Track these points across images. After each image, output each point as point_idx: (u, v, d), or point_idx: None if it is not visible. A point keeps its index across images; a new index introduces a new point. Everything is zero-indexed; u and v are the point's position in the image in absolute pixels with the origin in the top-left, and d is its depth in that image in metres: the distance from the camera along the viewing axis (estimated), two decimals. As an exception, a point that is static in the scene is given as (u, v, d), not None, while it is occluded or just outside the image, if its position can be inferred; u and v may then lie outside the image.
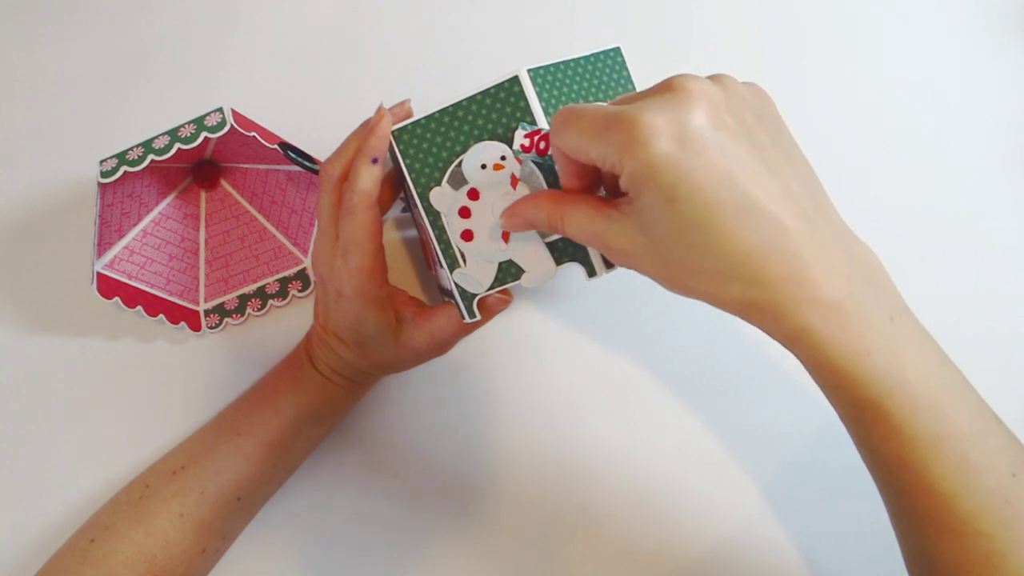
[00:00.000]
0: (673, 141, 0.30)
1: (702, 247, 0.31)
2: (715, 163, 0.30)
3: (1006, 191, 0.58)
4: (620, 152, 0.31)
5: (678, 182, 0.30)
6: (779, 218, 0.31)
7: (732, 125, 0.31)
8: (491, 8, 0.58)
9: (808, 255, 0.31)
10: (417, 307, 0.49)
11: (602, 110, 0.32)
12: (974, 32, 0.58)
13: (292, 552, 0.56)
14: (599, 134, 0.32)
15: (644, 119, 0.30)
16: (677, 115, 0.30)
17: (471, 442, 0.57)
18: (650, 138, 0.30)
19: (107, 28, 0.58)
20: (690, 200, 0.30)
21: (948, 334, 0.57)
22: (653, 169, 0.30)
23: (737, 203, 0.30)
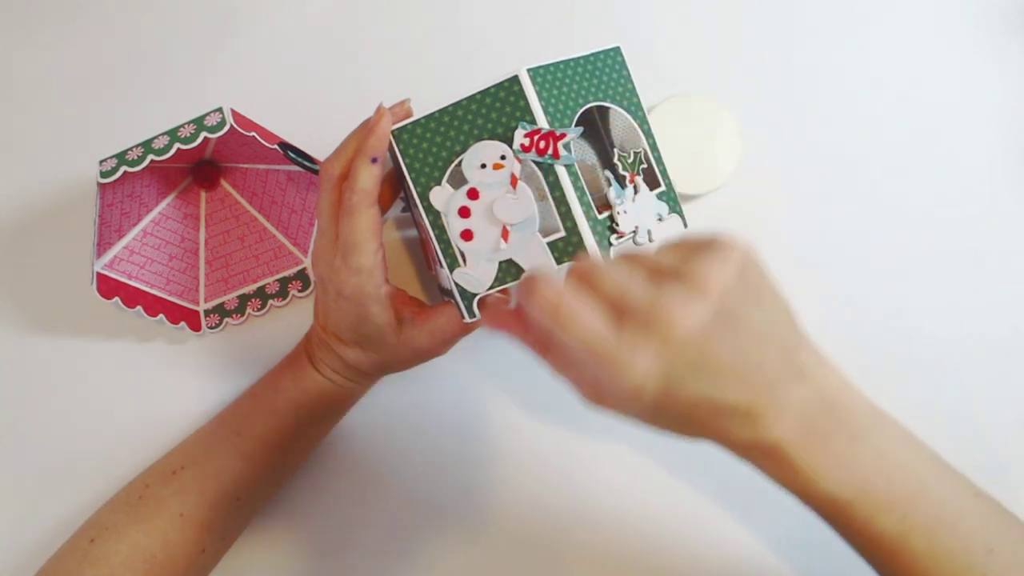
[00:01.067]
0: (656, 380, 0.32)
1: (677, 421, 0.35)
2: (689, 383, 0.32)
3: (1006, 191, 0.58)
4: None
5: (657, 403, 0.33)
6: (740, 407, 0.33)
7: (709, 339, 0.32)
8: (491, 8, 0.58)
9: (758, 414, 0.34)
10: (417, 307, 0.49)
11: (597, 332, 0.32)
12: (974, 32, 0.58)
13: (292, 552, 0.56)
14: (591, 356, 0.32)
15: (627, 372, 0.31)
16: (660, 353, 0.31)
17: (471, 442, 0.57)
18: (641, 385, 0.32)
19: (107, 28, 0.58)
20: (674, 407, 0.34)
21: (949, 335, 0.57)
22: (646, 403, 0.33)
23: (707, 410, 0.33)
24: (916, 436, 0.38)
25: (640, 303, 0.32)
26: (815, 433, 0.34)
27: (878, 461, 0.35)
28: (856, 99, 0.58)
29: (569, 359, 0.34)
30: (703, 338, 0.31)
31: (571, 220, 0.40)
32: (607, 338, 0.31)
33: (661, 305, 0.31)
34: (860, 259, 0.58)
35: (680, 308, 0.31)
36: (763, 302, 0.34)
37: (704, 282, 0.31)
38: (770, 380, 0.33)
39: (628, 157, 0.45)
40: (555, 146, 0.40)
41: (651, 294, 0.32)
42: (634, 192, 0.44)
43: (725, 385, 0.32)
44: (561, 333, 0.32)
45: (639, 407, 0.33)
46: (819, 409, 0.34)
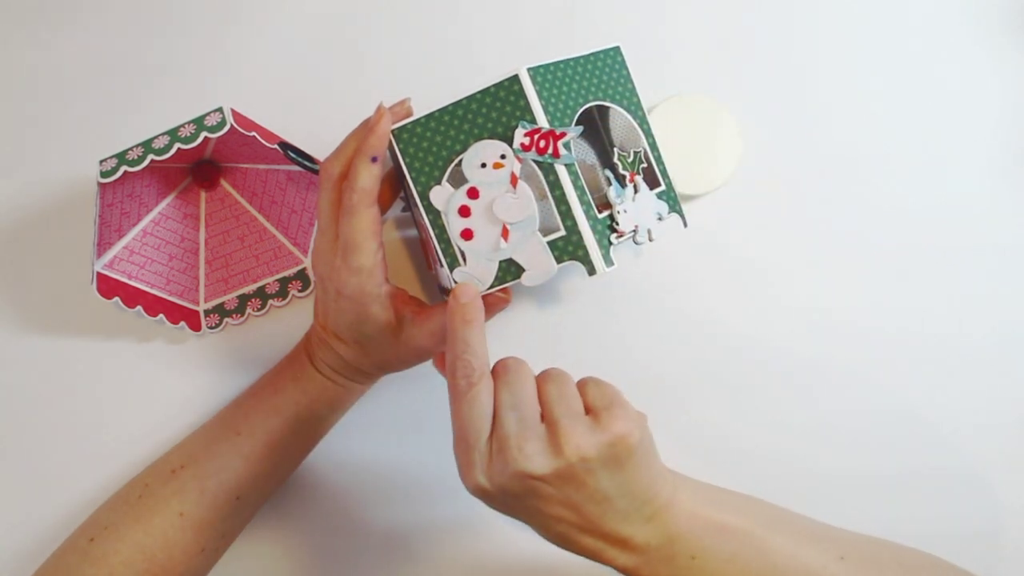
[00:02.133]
0: (487, 493, 0.40)
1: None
2: (517, 508, 0.40)
3: (1006, 191, 0.58)
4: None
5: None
6: (577, 539, 0.41)
7: (544, 486, 0.38)
8: (491, 8, 0.58)
9: (607, 543, 0.40)
10: (417, 306, 0.48)
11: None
12: (974, 32, 0.58)
13: (291, 552, 0.56)
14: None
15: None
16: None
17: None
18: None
19: (107, 28, 0.58)
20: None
21: (949, 335, 0.57)
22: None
23: (545, 526, 0.41)
24: (778, 519, 0.43)
25: (507, 432, 0.38)
26: (658, 558, 0.40)
27: (721, 567, 0.40)
28: (856, 99, 0.58)
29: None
30: (538, 480, 0.38)
31: (571, 219, 0.40)
32: (475, 437, 0.39)
33: (518, 445, 0.38)
34: (860, 259, 0.58)
35: (528, 455, 0.38)
36: (623, 471, 0.39)
37: (565, 446, 0.38)
38: (615, 526, 0.39)
39: (628, 156, 0.45)
40: (555, 145, 0.40)
41: (521, 429, 0.38)
42: (634, 191, 0.44)
43: (557, 520, 0.39)
44: (455, 404, 0.40)
45: (475, 495, 0.40)
46: (661, 541, 0.40)
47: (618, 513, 0.39)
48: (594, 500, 0.39)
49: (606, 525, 0.39)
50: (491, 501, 0.40)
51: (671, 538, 0.40)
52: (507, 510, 0.41)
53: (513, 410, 0.39)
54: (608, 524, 0.39)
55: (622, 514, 0.39)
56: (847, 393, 0.58)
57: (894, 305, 0.58)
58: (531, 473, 0.37)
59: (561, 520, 0.39)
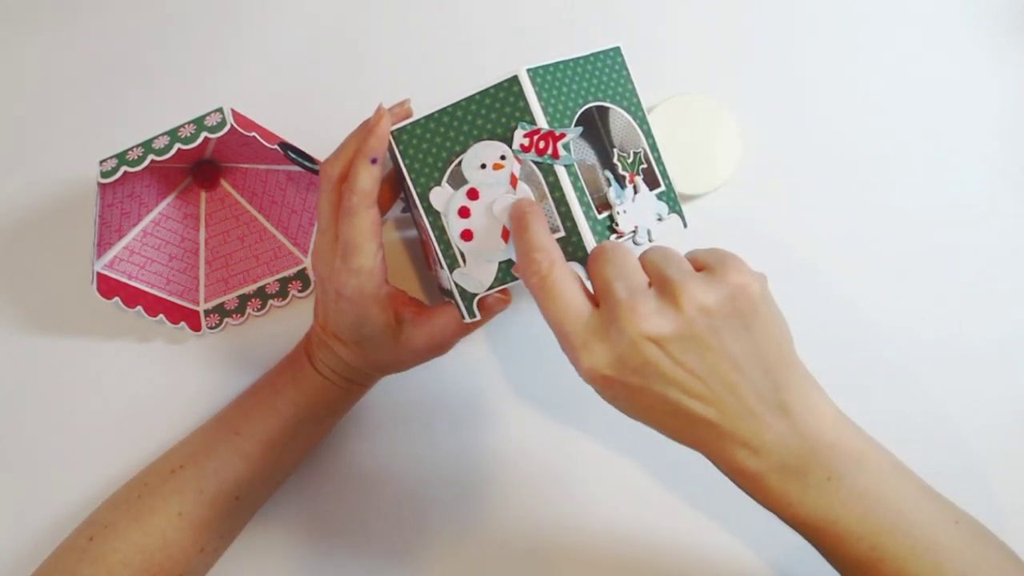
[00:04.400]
0: (605, 370, 0.35)
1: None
2: (641, 381, 0.36)
3: (1006, 191, 0.58)
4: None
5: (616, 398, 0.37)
6: (705, 418, 0.36)
7: (668, 349, 0.35)
8: (491, 8, 0.58)
9: (735, 439, 0.36)
10: (417, 307, 0.49)
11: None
12: (974, 32, 0.58)
13: (291, 552, 0.56)
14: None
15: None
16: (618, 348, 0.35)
17: (470, 443, 0.57)
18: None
19: (107, 28, 0.58)
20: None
21: (950, 335, 0.57)
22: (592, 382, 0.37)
23: (669, 411, 0.36)
24: (902, 467, 0.40)
25: (617, 298, 0.35)
26: (790, 468, 0.36)
27: (853, 497, 0.37)
28: (856, 99, 0.58)
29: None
30: (659, 346, 0.34)
31: (571, 220, 0.40)
32: (573, 320, 0.36)
33: (630, 306, 0.34)
34: (859, 259, 0.58)
35: (644, 314, 0.34)
36: (752, 332, 0.36)
37: (681, 298, 0.34)
38: (747, 407, 0.36)
39: (628, 157, 0.45)
40: (555, 146, 0.40)
41: (630, 294, 0.35)
42: (634, 192, 0.44)
43: (684, 394, 0.35)
44: (539, 301, 0.37)
45: (594, 385, 0.37)
46: (797, 448, 0.36)
47: (750, 388, 0.35)
48: (722, 368, 0.35)
49: (736, 405, 0.35)
50: (608, 386, 0.36)
51: (809, 447, 0.36)
52: (627, 395, 0.36)
53: (618, 279, 0.35)
54: (739, 402, 0.35)
55: (755, 392, 0.35)
56: (846, 393, 0.57)
57: (894, 305, 0.58)
58: (649, 334, 0.34)
59: (688, 393, 0.35)
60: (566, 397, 0.57)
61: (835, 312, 0.57)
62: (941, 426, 0.57)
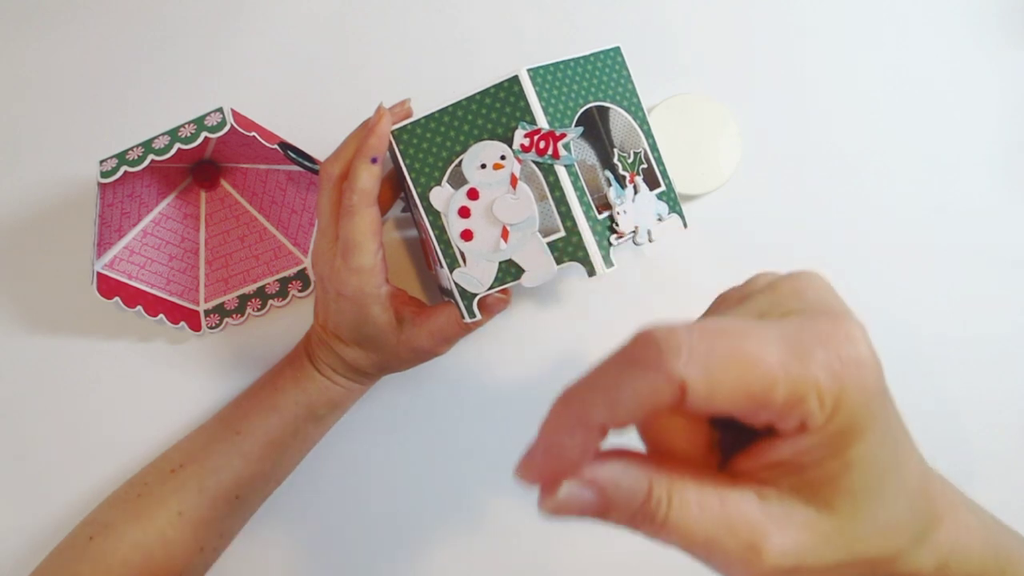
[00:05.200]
0: (877, 364, 0.23)
1: (895, 495, 0.25)
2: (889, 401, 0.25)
3: (1006, 191, 0.58)
4: (837, 380, 0.22)
5: (889, 406, 0.24)
6: (921, 466, 0.26)
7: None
8: (491, 8, 0.58)
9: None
10: (417, 307, 0.49)
11: (764, 325, 0.23)
12: (974, 32, 0.58)
13: (290, 551, 0.56)
14: (800, 355, 0.21)
15: (854, 328, 0.22)
16: (862, 330, 0.23)
17: (470, 442, 0.57)
18: (869, 351, 0.22)
19: (107, 28, 0.58)
20: (897, 434, 0.25)
21: (950, 335, 0.57)
22: (879, 400, 0.23)
23: (901, 439, 0.25)
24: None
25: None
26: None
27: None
28: (856, 99, 0.58)
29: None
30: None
31: (571, 220, 0.40)
32: (789, 323, 0.23)
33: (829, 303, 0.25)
34: (859, 259, 0.58)
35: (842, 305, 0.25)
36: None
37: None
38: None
39: (628, 157, 0.45)
40: (555, 146, 0.40)
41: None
42: (634, 192, 0.44)
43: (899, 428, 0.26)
44: (738, 353, 0.22)
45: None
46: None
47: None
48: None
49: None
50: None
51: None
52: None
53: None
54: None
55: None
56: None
57: (894, 304, 0.58)
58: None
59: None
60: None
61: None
62: (941, 426, 0.57)
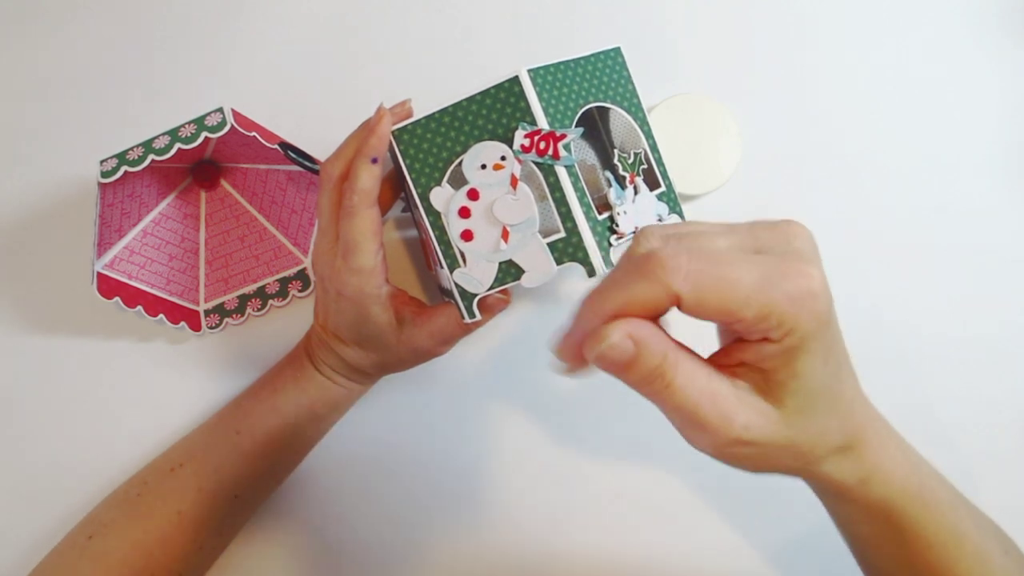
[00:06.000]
0: (828, 294, 0.29)
1: (831, 406, 0.31)
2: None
3: (1006, 191, 0.58)
4: (794, 306, 0.27)
5: (835, 334, 0.31)
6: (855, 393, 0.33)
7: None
8: (491, 9, 0.58)
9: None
10: (417, 307, 0.49)
11: (747, 259, 0.29)
12: (974, 32, 0.58)
13: (290, 550, 0.56)
14: (767, 282, 0.27)
15: (815, 270, 0.28)
16: (821, 272, 0.29)
17: (470, 442, 0.57)
18: (823, 283, 0.28)
19: (107, 28, 0.58)
20: (838, 356, 0.31)
21: (950, 335, 0.57)
22: (825, 324, 0.29)
23: (844, 361, 0.32)
24: (955, 501, 0.39)
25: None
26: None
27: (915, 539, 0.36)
28: (856, 99, 0.58)
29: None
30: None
31: (571, 221, 0.40)
32: (762, 258, 0.29)
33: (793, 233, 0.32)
34: (859, 258, 0.58)
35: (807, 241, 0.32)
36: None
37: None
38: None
39: (628, 158, 0.45)
40: (555, 147, 0.40)
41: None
42: (634, 193, 0.44)
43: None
44: (724, 277, 0.28)
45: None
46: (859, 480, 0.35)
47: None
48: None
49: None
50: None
51: (883, 496, 0.35)
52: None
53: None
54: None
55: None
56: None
57: (893, 304, 0.58)
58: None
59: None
60: (565, 397, 0.57)
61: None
62: (940, 426, 0.57)
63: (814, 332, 0.28)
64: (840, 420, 0.32)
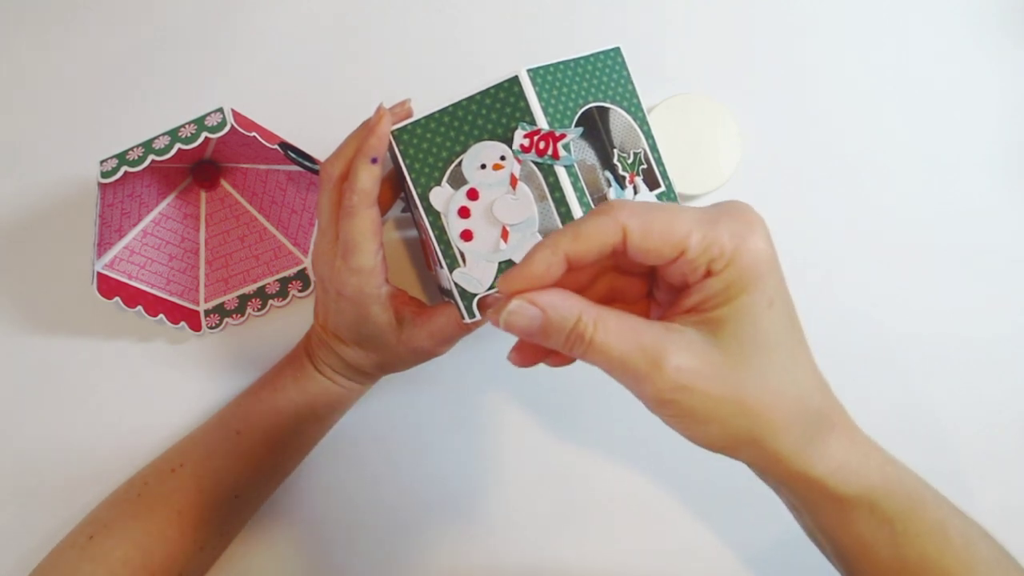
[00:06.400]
0: (771, 244, 0.30)
1: (783, 365, 0.30)
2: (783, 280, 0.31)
3: (1006, 191, 0.58)
4: (735, 239, 0.28)
5: (779, 285, 0.30)
6: (817, 378, 0.32)
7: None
8: (491, 8, 0.58)
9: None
10: (417, 307, 0.49)
11: (693, 209, 0.30)
12: (974, 32, 0.58)
13: (290, 550, 0.56)
14: (711, 219, 0.29)
15: (758, 222, 0.30)
16: (765, 229, 0.30)
17: (469, 442, 0.57)
18: (764, 232, 0.29)
19: (107, 28, 0.58)
20: (784, 309, 0.30)
21: (950, 335, 0.57)
22: (766, 264, 0.29)
23: (795, 324, 0.31)
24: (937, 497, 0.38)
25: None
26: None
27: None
28: (856, 99, 0.58)
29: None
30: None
31: (571, 220, 0.40)
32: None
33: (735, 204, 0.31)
34: (859, 259, 0.58)
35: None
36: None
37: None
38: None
39: (628, 158, 0.45)
40: (555, 147, 0.40)
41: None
42: (634, 193, 0.44)
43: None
44: (668, 208, 0.29)
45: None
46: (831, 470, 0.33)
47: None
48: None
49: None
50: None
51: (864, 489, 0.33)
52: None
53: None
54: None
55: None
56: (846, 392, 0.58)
57: (893, 304, 0.58)
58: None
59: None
60: (565, 397, 0.57)
61: (835, 311, 0.57)
62: (940, 426, 0.57)
63: (756, 269, 0.29)
64: (799, 390, 0.31)
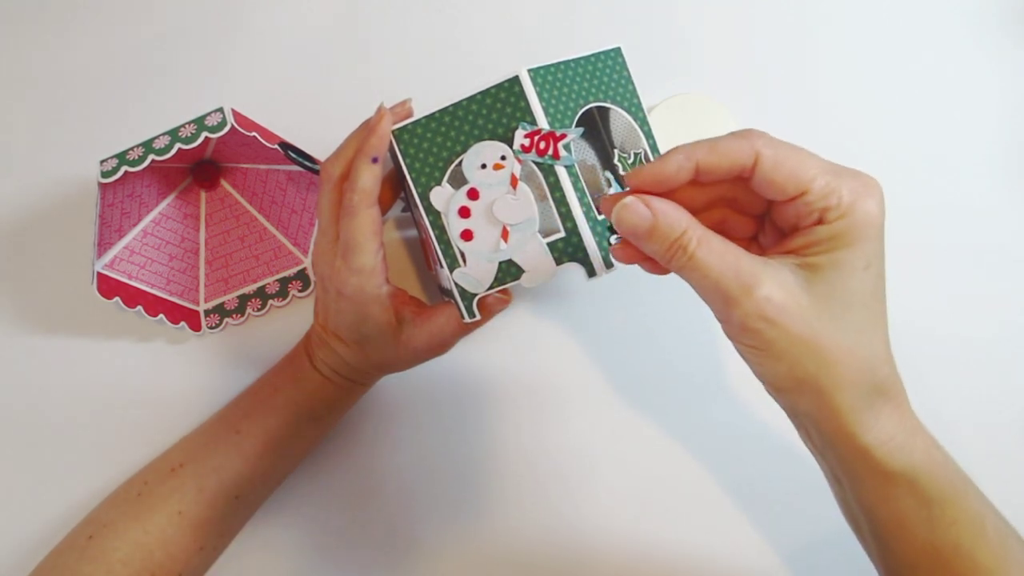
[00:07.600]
0: (883, 212, 0.32)
1: (862, 326, 0.33)
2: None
3: (1006, 191, 0.58)
4: (854, 195, 0.31)
5: (880, 252, 0.32)
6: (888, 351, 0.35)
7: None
8: (491, 8, 0.58)
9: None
10: (417, 307, 0.49)
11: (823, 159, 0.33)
12: (974, 32, 0.59)
13: (290, 551, 0.56)
14: (836, 172, 0.32)
15: (878, 188, 0.32)
16: (882, 196, 0.32)
17: (470, 442, 0.57)
18: (881, 198, 0.32)
19: (108, 28, 0.58)
20: (877, 275, 0.32)
21: (950, 335, 0.57)
22: (874, 229, 0.31)
23: (882, 293, 0.33)
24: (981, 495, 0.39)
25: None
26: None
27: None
28: (856, 99, 0.58)
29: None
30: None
31: (571, 221, 0.40)
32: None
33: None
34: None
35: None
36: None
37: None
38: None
39: (628, 158, 0.45)
40: (555, 147, 0.40)
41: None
42: (634, 192, 0.44)
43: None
44: (801, 152, 0.32)
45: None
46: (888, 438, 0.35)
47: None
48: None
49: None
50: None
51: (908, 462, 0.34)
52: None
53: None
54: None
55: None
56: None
57: (893, 304, 0.57)
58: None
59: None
60: (566, 397, 0.57)
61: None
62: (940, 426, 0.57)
63: (865, 230, 0.31)
64: (870, 353, 0.33)
